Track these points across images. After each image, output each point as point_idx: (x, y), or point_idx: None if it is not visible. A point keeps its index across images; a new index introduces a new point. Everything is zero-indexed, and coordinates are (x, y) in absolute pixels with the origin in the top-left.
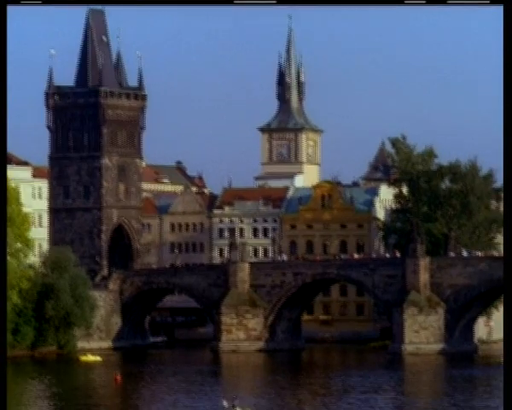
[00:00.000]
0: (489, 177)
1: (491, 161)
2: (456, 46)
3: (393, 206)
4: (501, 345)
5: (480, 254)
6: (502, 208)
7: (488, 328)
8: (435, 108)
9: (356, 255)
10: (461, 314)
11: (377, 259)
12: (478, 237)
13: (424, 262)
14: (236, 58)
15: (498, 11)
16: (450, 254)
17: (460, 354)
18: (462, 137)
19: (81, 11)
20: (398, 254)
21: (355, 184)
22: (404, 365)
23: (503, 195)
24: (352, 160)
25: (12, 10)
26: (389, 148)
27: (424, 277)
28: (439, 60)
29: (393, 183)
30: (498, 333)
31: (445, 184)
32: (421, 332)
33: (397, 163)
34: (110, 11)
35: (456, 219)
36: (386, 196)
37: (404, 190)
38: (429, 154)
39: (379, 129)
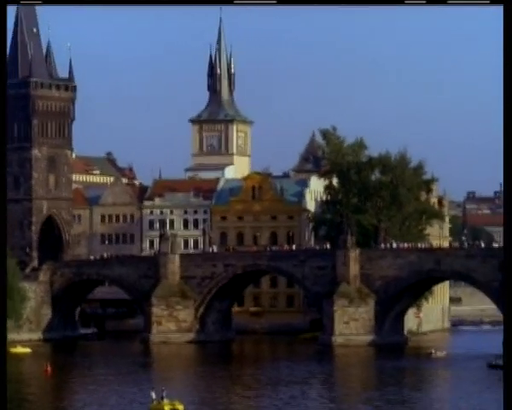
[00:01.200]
0: (418, 168)
1: (421, 153)
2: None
3: (324, 197)
4: (430, 336)
5: (409, 245)
6: (432, 200)
7: (418, 319)
8: (365, 99)
9: (286, 247)
10: (391, 306)
11: (307, 250)
12: (408, 229)
13: (354, 254)
14: (167, 49)
15: (498, 11)
16: (380, 246)
17: (390, 345)
18: (392, 129)
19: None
20: (328, 246)
21: (285, 176)
22: (334, 356)
23: (503, 195)
24: (283, 151)
25: None
26: (319, 139)
27: (354, 268)
28: (369, 52)
29: (324, 174)
30: (428, 325)
31: (375, 175)
32: (352, 324)
33: (327, 155)
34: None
35: (385, 211)
36: (316, 187)
37: (335, 181)
38: (359, 145)
39: (309, 120)
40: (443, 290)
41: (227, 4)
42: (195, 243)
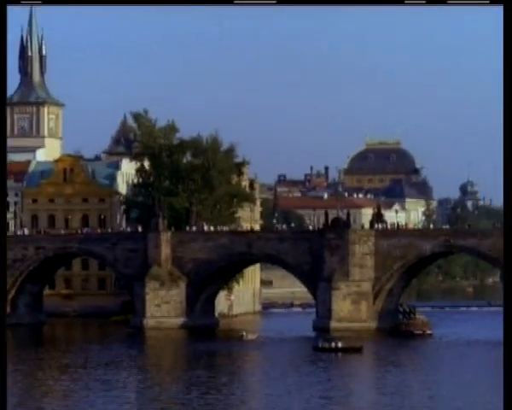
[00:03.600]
0: (230, 151)
1: (232, 136)
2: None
3: (135, 180)
4: (242, 319)
5: (221, 228)
6: (243, 183)
7: (229, 302)
8: (176, 83)
9: (98, 230)
10: (202, 288)
11: (119, 233)
12: (219, 212)
13: (166, 236)
14: None
15: (498, 11)
16: (192, 229)
17: (201, 327)
18: (204, 112)
19: None
20: (139, 229)
21: (97, 158)
22: (145, 339)
23: (503, 194)
24: (95, 134)
25: None
26: (131, 122)
27: (166, 251)
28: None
29: (135, 157)
30: (239, 307)
31: (187, 158)
32: (163, 306)
33: (139, 137)
34: None
35: (197, 194)
36: (128, 170)
37: (146, 164)
38: (171, 128)
39: (121, 103)
40: (254, 273)
41: (227, 4)
42: (7, 225)
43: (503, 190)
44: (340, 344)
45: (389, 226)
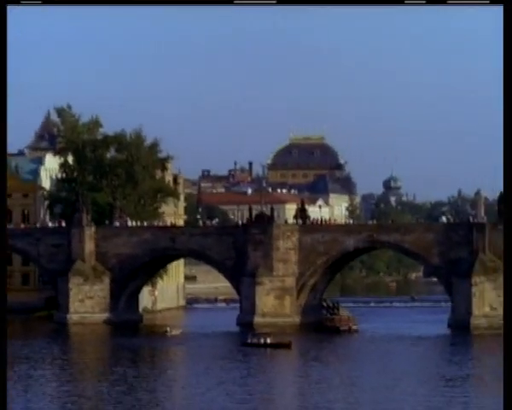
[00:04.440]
0: (154, 146)
1: (156, 131)
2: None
3: (59, 175)
4: (166, 314)
5: (144, 223)
6: (167, 178)
7: (153, 297)
8: (100, 78)
9: (21, 225)
10: (126, 284)
11: (42, 228)
12: (143, 207)
13: (90, 232)
14: None
15: (498, 11)
16: (116, 224)
17: (125, 323)
18: (127, 108)
19: None
20: (63, 224)
21: (20, 153)
22: (69, 334)
23: (503, 194)
24: (18, 128)
25: None
26: (55, 117)
27: (89, 246)
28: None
29: (59, 152)
30: (163, 302)
31: (111, 153)
32: (87, 301)
33: (62, 132)
34: None
35: (121, 189)
36: (51, 165)
37: (70, 159)
38: (95, 123)
39: (45, 98)
40: (178, 268)
41: (227, 4)
42: None
43: (503, 189)
44: (268, 340)
45: (313, 222)
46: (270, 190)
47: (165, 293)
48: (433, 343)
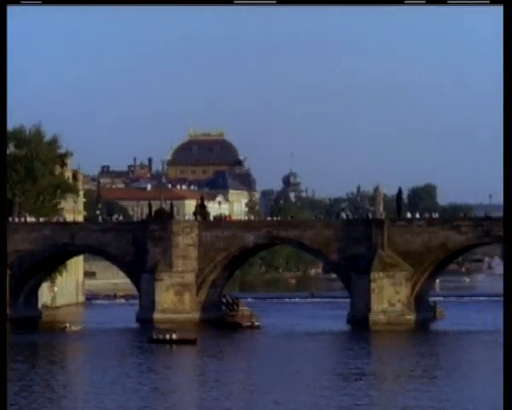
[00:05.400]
0: (53, 142)
1: (55, 127)
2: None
3: None
4: (65, 310)
5: (43, 219)
6: (66, 174)
7: (52, 293)
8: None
9: None
10: (25, 280)
11: None
12: (42, 203)
13: None
14: None
15: (498, 11)
16: (15, 220)
17: (24, 319)
18: (27, 103)
19: None
20: None
21: None
22: None
23: (503, 194)
24: None
25: None
26: None
27: None
28: None
29: None
30: (62, 299)
31: (10, 149)
32: None
33: None
34: None
35: (20, 185)
36: None
37: None
38: None
39: None
40: (77, 264)
41: (227, 4)
42: None
43: (503, 189)
44: (174, 336)
45: (212, 218)
46: (169, 186)
47: (65, 289)
48: (332, 339)
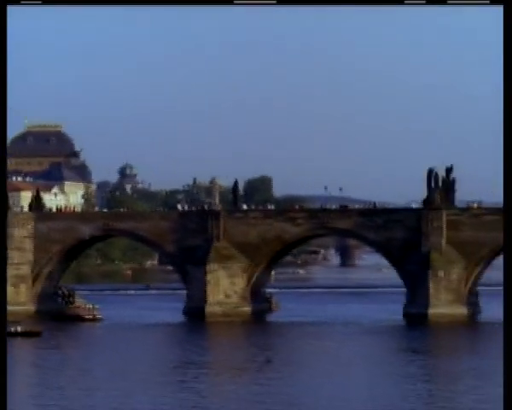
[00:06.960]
0: None
1: None
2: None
3: None
4: None
5: None
6: None
7: None
8: None
9: None
10: None
11: None
12: None
13: None
14: None
15: (498, 11)
16: None
17: None
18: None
19: None
20: None
21: None
22: None
23: (503, 195)
24: None
25: None
26: None
27: None
28: None
29: None
30: None
31: None
32: None
33: None
34: None
35: None
36: None
37: None
38: None
39: None
40: None
41: (227, 4)
42: None
43: (503, 189)
44: (19, 328)
45: (48, 210)
46: None
47: None
48: (168, 331)
